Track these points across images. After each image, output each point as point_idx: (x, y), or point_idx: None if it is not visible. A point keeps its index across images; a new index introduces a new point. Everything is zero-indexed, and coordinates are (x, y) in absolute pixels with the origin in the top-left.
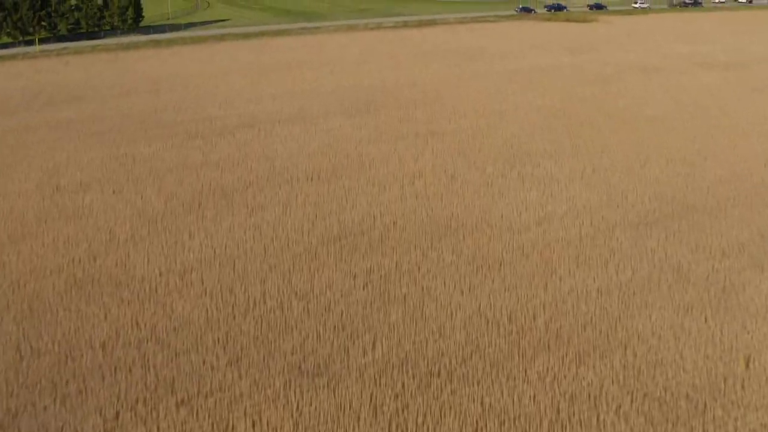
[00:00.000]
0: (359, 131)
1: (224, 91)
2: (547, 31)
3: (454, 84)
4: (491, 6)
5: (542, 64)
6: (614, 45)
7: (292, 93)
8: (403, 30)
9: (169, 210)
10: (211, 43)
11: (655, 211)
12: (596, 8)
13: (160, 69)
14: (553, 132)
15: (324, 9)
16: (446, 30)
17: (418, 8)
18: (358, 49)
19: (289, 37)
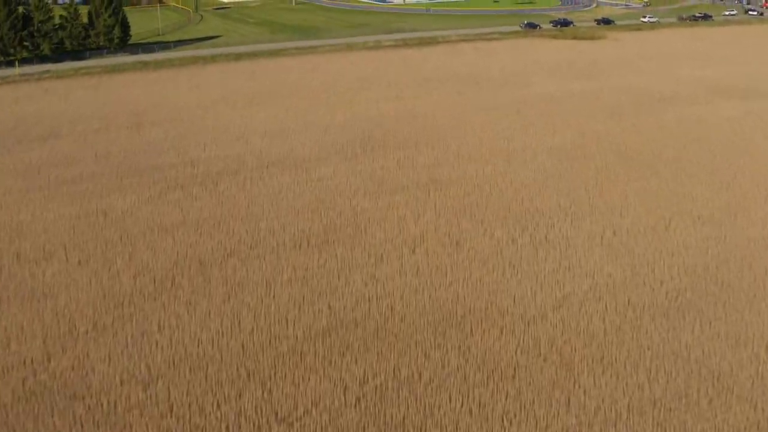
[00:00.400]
0: (354, 179)
1: (211, 125)
2: (555, 50)
3: (458, 117)
4: (495, 20)
5: (551, 91)
6: (625, 68)
7: (284, 129)
8: (403, 50)
9: (139, 288)
10: (201, 65)
11: (686, 290)
12: (604, 23)
13: (145, 97)
14: (567, 180)
15: (321, 24)
16: (448, 50)
17: (418, 23)
18: (355, 74)
19: (283, 58)
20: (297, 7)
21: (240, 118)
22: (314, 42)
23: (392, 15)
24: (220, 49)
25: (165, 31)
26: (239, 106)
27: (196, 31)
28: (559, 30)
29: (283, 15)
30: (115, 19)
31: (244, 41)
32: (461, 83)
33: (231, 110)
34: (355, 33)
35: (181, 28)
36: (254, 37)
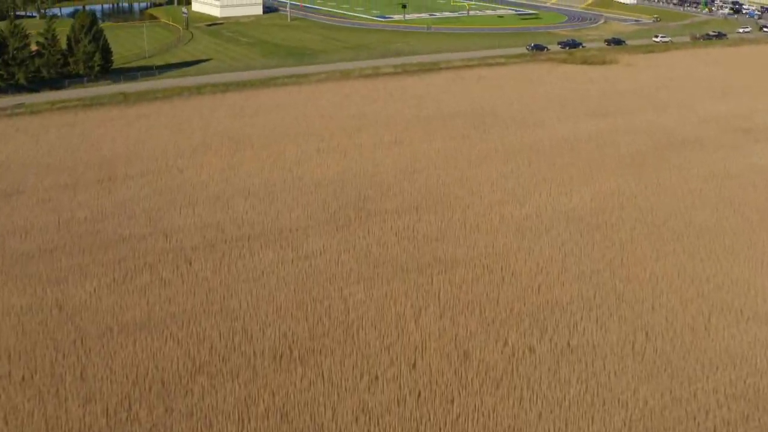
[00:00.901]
0: (347, 258)
1: (189, 180)
2: (564, 78)
3: (463, 170)
4: (499, 40)
5: (564, 134)
6: (640, 100)
7: (269, 186)
8: (402, 78)
9: (88, 424)
10: (185, 98)
11: (737, 424)
12: (614, 43)
13: (122, 141)
14: (588, 259)
15: (316, 44)
16: (451, 79)
17: (419, 43)
18: (350, 110)
19: (274, 89)
20: (292, 24)
21: (222, 170)
22: (308, 68)
23: (391, 34)
24: (208, 77)
25: (151, 52)
26: (223, 153)
27: (184, 53)
28: (567, 53)
29: (277, 33)
30: (95, 46)
31: (233, 66)
32: (466, 122)
33: (213, 159)
34: (352, 56)
35: (169, 50)
36: (245, 60)
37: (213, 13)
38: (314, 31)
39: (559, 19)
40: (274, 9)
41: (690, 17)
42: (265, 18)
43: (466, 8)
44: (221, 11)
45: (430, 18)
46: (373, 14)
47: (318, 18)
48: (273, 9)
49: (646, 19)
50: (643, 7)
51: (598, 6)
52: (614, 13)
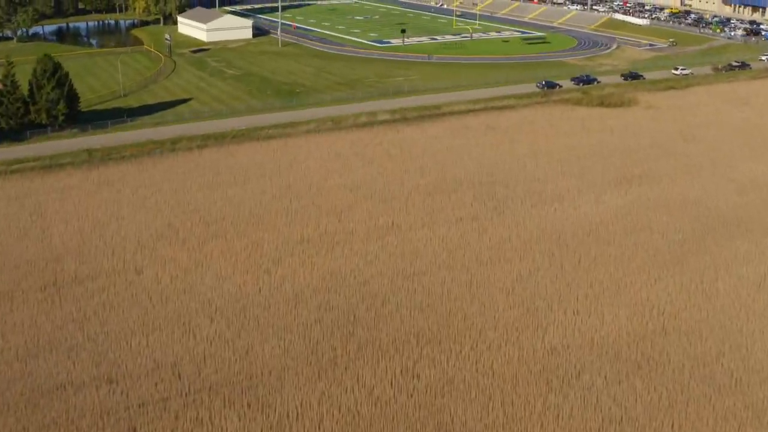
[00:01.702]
0: (329, 425)
1: (147, 287)
2: (581, 127)
3: (472, 270)
4: (506, 72)
5: (586, 210)
6: (669, 159)
7: (241, 300)
8: (401, 128)
9: None
10: (157, 157)
11: None
12: (631, 78)
13: (76, 224)
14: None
15: (308, 77)
16: (455, 129)
17: (420, 76)
18: (341, 177)
19: (257, 144)
20: (283, 51)
21: (188, 270)
22: (297, 114)
23: (390, 64)
24: (185, 126)
25: (128, 89)
26: (191, 243)
27: (163, 90)
28: (582, 91)
29: (267, 63)
30: (59, 92)
31: (215, 109)
32: (474, 194)
33: (179, 252)
34: (347, 96)
35: (147, 86)
36: (229, 101)
37: (199, 37)
38: (306, 61)
39: (568, 43)
40: (264, 31)
41: (707, 41)
42: (255, 43)
43: (469, 31)
44: (208, 36)
45: (431, 43)
46: (371, 38)
47: (311, 44)
48: (263, 31)
49: (661, 43)
50: (657, 29)
51: (609, 27)
52: (627, 35)
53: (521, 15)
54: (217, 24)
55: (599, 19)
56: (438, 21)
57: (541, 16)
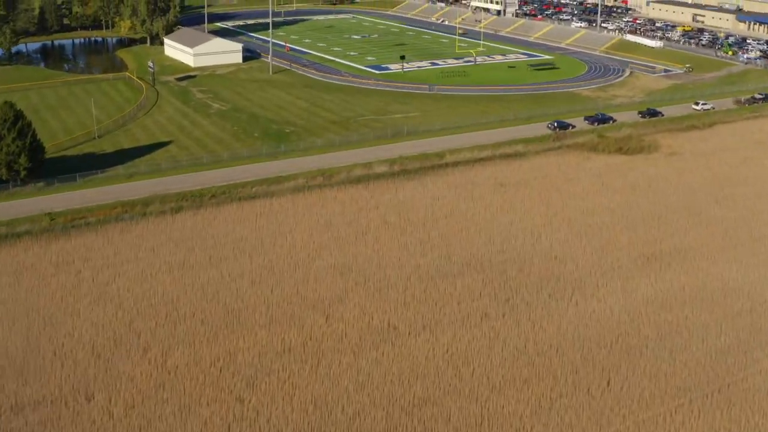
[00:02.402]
0: None
1: (94, 424)
2: (600, 182)
3: (482, 401)
4: (513, 106)
5: (613, 308)
6: (701, 228)
7: None
8: (400, 184)
9: None
10: (125, 223)
11: None
12: (649, 115)
13: (24, 321)
14: None
15: (299, 114)
16: (461, 186)
17: (421, 111)
18: (330, 255)
19: (238, 206)
20: (274, 79)
21: (145, 400)
22: (284, 165)
23: (388, 97)
24: (160, 181)
25: (104, 129)
26: (151, 356)
27: (142, 130)
28: (597, 133)
29: (256, 94)
30: (21, 144)
31: (195, 155)
32: (484, 280)
33: (136, 368)
34: (340, 139)
35: (124, 125)
36: (211, 145)
37: (186, 61)
38: (298, 92)
39: (578, 68)
40: (255, 54)
41: (725, 66)
42: (245, 68)
43: (472, 55)
44: (194, 60)
45: (432, 69)
46: (368, 62)
47: (304, 71)
48: (255, 54)
49: (676, 68)
50: (671, 52)
51: (620, 50)
52: (639, 58)
53: (526, 34)
54: (205, 48)
55: (609, 41)
56: (440, 41)
57: (548, 36)
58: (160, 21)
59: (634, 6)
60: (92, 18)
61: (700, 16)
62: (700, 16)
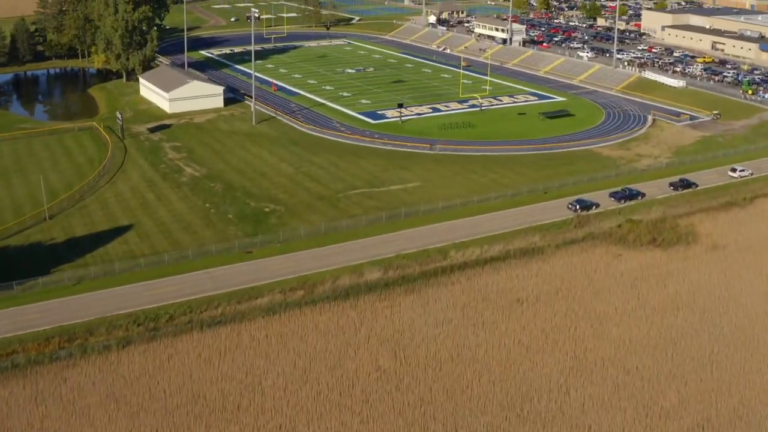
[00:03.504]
0: None
1: None
2: (635, 302)
3: None
4: (527, 172)
5: None
6: (764, 380)
7: None
8: (395, 299)
9: None
10: (58, 369)
11: None
12: (682, 187)
13: None
14: None
15: (283, 185)
16: (469, 304)
17: (420, 177)
18: None
19: (195, 340)
20: (258, 131)
21: None
22: (259, 268)
23: (384, 158)
24: (109, 293)
25: (56, 208)
26: None
27: (100, 208)
28: (625, 217)
29: (235, 154)
30: None
31: (155, 250)
32: None
33: None
34: (326, 227)
35: (81, 200)
36: (177, 234)
37: (162, 105)
38: (283, 152)
39: (594, 116)
40: (239, 96)
41: (756, 111)
42: (226, 115)
43: (477, 100)
44: (170, 106)
45: (434, 116)
46: (362, 108)
47: (290, 122)
48: (238, 95)
49: (703, 114)
50: (694, 93)
51: (638, 89)
52: (660, 101)
53: (535, 67)
54: (182, 92)
55: (626, 78)
56: (441, 77)
57: (558, 70)
58: (136, 55)
59: (647, 30)
60: (67, 47)
61: (719, 44)
62: (719, 44)
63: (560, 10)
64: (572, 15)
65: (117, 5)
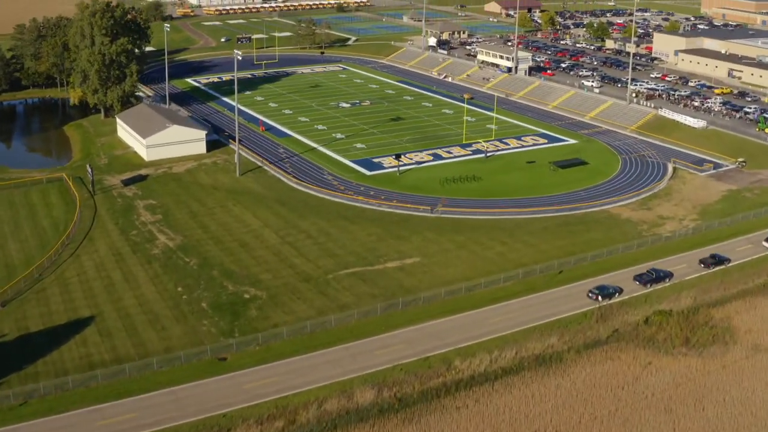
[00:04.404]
0: None
1: None
2: (664, 413)
3: None
4: (538, 241)
5: None
6: None
7: None
8: (389, 430)
9: None
10: None
11: None
12: (714, 264)
13: None
14: None
15: (265, 265)
16: None
17: (420, 251)
18: None
19: None
20: (242, 185)
21: None
22: (231, 385)
23: (380, 223)
24: (55, 424)
25: (11, 291)
26: None
27: (60, 291)
28: (653, 306)
29: (216, 217)
30: None
31: (115, 354)
32: None
33: None
34: (312, 323)
35: (40, 281)
36: (142, 328)
37: (139, 151)
38: (268, 215)
39: (609, 164)
40: (223, 140)
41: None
42: (208, 164)
43: (483, 147)
44: (148, 153)
45: (435, 166)
46: (356, 155)
47: (278, 173)
48: (221, 139)
49: (727, 161)
50: (715, 133)
51: (655, 130)
52: (679, 144)
53: (543, 100)
54: (161, 138)
55: (642, 117)
56: (442, 112)
57: (568, 105)
58: (114, 90)
59: (659, 54)
60: (45, 76)
61: (736, 71)
62: (736, 71)
63: (566, 28)
64: (579, 35)
65: (93, 37)
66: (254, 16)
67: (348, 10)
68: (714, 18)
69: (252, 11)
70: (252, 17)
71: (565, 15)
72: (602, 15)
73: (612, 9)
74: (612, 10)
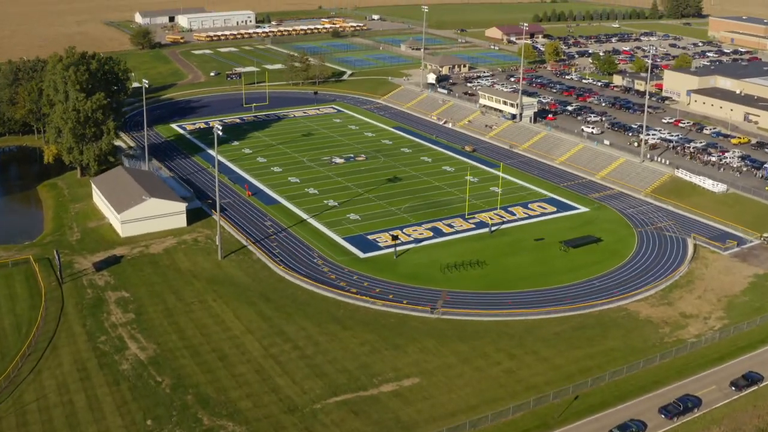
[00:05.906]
0: None
1: None
2: None
3: None
4: (549, 349)
5: None
6: None
7: None
8: None
9: None
10: None
11: None
12: (746, 386)
13: None
14: None
15: (244, 390)
16: None
17: (420, 372)
18: None
19: None
20: (223, 272)
21: None
22: None
23: (374, 329)
24: None
25: None
26: None
27: (15, 423)
28: None
29: (194, 317)
30: None
31: None
32: None
33: None
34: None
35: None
36: None
37: (114, 225)
38: (250, 315)
39: (625, 243)
40: (206, 210)
41: None
42: (188, 241)
43: (488, 224)
44: (123, 229)
45: (435, 244)
46: (350, 229)
47: (262, 256)
48: (204, 208)
49: (751, 237)
50: (736, 198)
51: (671, 194)
52: (697, 212)
53: (549, 155)
54: (137, 212)
55: (657, 178)
56: (442, 169)
57: (576, 160)
58: (91, 149)
59: (670, 92)
60: (21, 123)
61: (753, 115)
62: (753, 116)
63: (570, 57)
64: (585, 67)
65: (67, 92)
66: (246, 43)
67: (344, 35)
68: (722, 42)
69: (244, 37)
70: (244, 44)
71: (569, 41)
72: (607, 40)
73: (617, 33)
74: (617, 34)
